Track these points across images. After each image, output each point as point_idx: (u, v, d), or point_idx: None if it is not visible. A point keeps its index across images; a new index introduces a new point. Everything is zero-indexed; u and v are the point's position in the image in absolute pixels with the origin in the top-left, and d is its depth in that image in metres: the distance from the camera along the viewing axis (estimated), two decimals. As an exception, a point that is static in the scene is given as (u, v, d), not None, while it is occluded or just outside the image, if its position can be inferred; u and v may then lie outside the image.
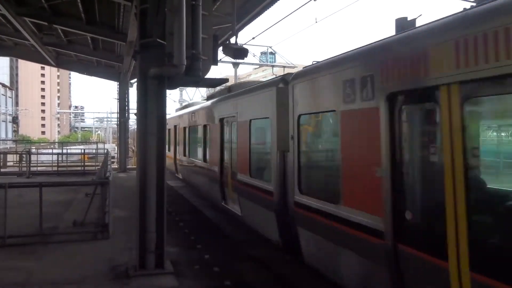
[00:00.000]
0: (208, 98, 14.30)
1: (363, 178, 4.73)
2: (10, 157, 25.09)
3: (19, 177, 18.99)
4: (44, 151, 33.44)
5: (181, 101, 37.99)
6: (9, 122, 77.03)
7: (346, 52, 5.54)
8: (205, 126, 12.69)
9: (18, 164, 21.42)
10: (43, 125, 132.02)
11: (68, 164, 23.26)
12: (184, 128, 16.19)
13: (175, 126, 18.39)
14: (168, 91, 6.66)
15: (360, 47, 5.21)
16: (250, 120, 8.55)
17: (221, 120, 10.76)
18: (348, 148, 5.07)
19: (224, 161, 10.53)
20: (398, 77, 4.17)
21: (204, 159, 12.60)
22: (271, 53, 30.54)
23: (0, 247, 7.34)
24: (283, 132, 6.95)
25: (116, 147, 30.74)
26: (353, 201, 4.90)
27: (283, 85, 7.18)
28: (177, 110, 21.48)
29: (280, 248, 7.25)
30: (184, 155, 16.06)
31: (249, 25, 12.27)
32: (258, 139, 8.65)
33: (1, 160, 22.97)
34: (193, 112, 14.75)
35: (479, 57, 3.27)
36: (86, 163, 23.16)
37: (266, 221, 7.72)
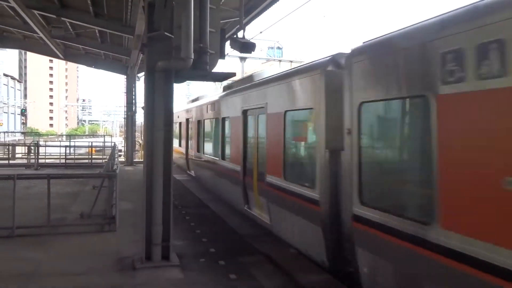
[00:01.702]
0: (225, 88, 12.67)
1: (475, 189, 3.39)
2: (18, 149, 25.32)
3: (27, 169, 19.20)
4: (52, 143, 33.69)
5: (188, 95, 38.05)
6: (18, 114, 77.55)
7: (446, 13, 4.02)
8: (223, 119, 11.38)
9: (26, 156, 21.60)
10: (51, 118, 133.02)
11: (75, 156, 23.41)
12: (199, 121, 14.91)
13: (187, 120, 17.46)
14: (174, 85, 6.63)
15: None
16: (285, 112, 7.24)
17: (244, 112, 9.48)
18: (452, 146, 3.64)
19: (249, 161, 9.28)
20: None
21: (223, 157, 11.29)
22: (278, 47, 30.45)
23: (8, 237, 7.43)
24: (334, 126, 5.66)
25: (123, 140, 30.87)
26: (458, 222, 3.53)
27: (334, 68, 5.92)
28: (189, 103, 20.43)
29: (328, 271, 5.94)
30: (198, 151, 14.74)
31: (256, 19, 12.23)
32: (296, 135, 7.36)
33: (10, 152, 23.20)
34: (211, 104, 13.00)
35: None
36: (93, 156, 23.33)
37: (307, 235, 6.49)
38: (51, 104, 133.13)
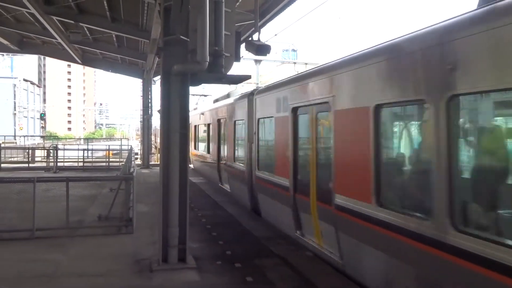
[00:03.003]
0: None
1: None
2: (38, 153, 25.81)
3: (46, 172, 19.55)
4: (70, 147, 34.24)
5: (202, 99, 38.22)
6: (37, 118, 79.06)
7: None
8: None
9: (45, 160, 22.01)
10: (69, 122, 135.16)
11: (93, 159, 23.73)
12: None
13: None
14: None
15: None
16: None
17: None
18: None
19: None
20: None
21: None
22: (293, 50, 30.39)
23: (29, 239, 7.57)
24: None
25: (139, 143, 31.23)
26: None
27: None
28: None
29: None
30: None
31: (271, 22, 12.26)
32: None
33: (30, 156, 23.67)
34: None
35: None
36: (110, 159, 23.62)
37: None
38: (69, 108, 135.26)
